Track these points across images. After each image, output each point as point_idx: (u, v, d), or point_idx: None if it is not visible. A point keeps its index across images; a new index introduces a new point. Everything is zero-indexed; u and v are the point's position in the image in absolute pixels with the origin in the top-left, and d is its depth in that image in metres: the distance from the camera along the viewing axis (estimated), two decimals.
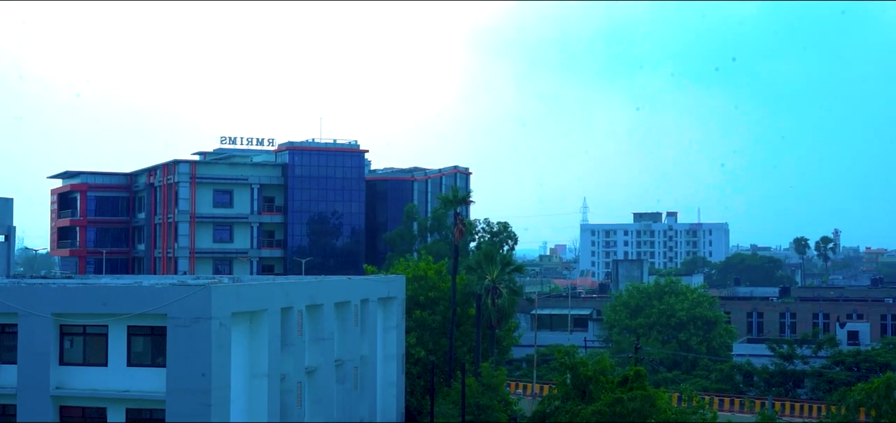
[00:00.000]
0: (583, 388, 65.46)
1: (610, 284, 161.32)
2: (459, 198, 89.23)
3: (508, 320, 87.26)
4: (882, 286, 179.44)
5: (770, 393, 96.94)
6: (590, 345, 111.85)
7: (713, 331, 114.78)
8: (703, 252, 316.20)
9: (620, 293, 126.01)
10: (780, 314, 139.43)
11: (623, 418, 61.53)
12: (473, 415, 64.57)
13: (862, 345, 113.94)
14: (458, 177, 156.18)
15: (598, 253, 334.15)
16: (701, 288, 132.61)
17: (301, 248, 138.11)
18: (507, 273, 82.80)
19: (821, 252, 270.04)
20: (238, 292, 48.65)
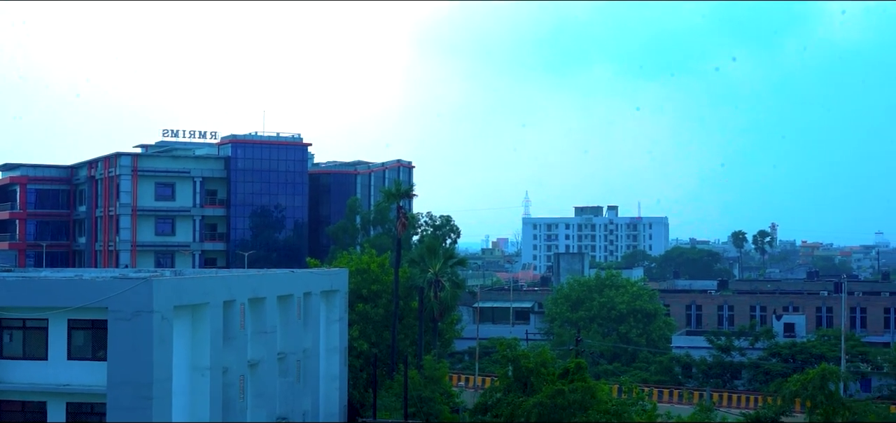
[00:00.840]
0: (524, 380, 66.01)
1: (551, 277, 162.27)
2: (402, 191, 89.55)
3: (451, 313, 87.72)
4: (817, 279, 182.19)
5: (708, 385, 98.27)
6: (531, 338, 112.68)
7: (653, 323, 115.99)
8: (644, 246, 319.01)
9: (562, 286, 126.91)
10: (718, 307, 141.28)
11: (564, 409, 62.18)
12: (416, 407, 64.93)
13: (798, 337, 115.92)
14: (401, 171, 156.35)
15: (539, 247, 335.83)
16: (641, 281, 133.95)
17: (244, 241, 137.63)
18: (449, 267, 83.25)
19: (758, 246, 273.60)
20: (180, 286, 48.58)
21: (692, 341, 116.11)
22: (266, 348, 56.60)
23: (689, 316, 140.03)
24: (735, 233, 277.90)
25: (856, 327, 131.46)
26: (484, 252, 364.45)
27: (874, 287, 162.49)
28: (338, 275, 69.99)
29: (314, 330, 64.41)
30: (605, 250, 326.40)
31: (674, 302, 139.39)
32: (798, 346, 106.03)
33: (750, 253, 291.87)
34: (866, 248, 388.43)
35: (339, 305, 67.77)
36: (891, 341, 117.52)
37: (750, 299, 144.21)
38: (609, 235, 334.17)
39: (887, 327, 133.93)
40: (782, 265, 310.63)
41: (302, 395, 62.06)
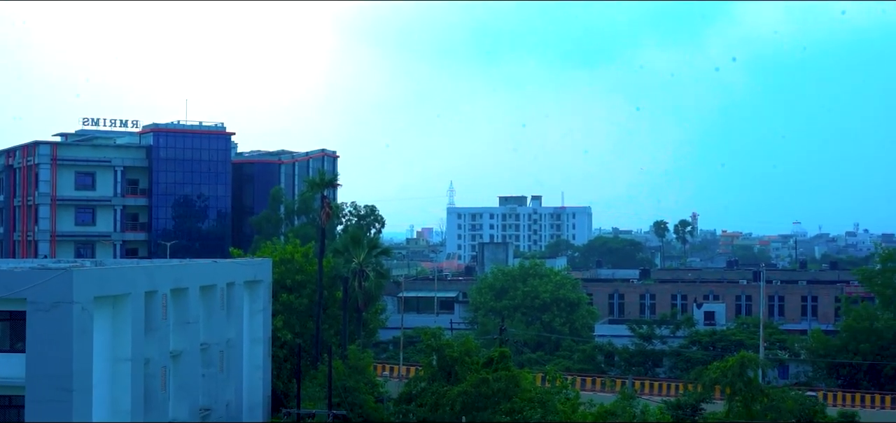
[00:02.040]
0: (448, 369, 66.27)
1: (476, 266, 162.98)
2: (327, 181, 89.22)
3: (375, 303, 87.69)
4: (737, 268, 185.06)
5: (630, 372, 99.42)
6: (456, 327, 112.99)
7: (576, 312, 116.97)
8: (567, 235, 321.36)
9: (486, 276, 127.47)
10: (640, 296, 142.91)
11: (488, 398, 62.56)
12: (340, 398, 64.81)
13: (718, 325, 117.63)
14: (325, 160, 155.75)
15: (464, 236, 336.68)
16: (564, 271, 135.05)
17: (166, 231, 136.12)
18: (374, 256, 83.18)
19: (679, 235, 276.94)
20: (100, 276, 47.98)
21: (615, 329, 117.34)
22: (188, 339, 56.12)
23: (611, 305, 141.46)
24: (657, 223, 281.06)
25: (774, 315, 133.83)
26: (409, 242, 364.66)
27: (792, 276, 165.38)
28: (261, 265, 69.59)
29: (237, 321, 64.00)
30: (530, 239, 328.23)
31: (597, 291, 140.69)
32: (718, 334, 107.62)
33: (671, 242, 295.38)
34: (784, 237, 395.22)
35: (262, 295, 67.39)
36: (808, 329, 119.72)
37: (671, 288, 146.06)
38: (533, 224, 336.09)
39: (804, 315, 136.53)
40: (703, 254, 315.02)
41: (225, 386, 61.65)
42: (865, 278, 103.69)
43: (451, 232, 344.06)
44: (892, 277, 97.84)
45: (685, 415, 70.23)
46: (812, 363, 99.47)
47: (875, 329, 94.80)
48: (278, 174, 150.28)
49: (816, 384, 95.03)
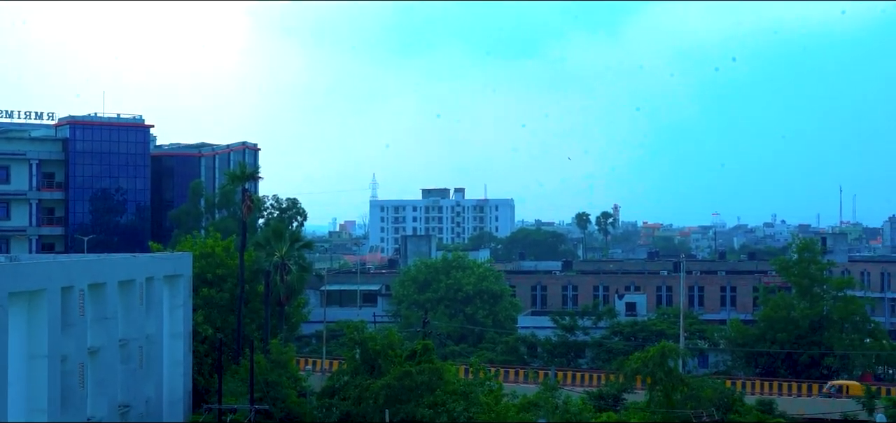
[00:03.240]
0: (372, 363, 66.11)
1: (399, 259, 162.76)
2: (248, 174, 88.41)
3: (297, 297, 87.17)
4: (658, 259, 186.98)
5: (553, 364, 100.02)
6: (379, 320, 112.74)
7: (499, 304, 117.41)
8: (490, 227, 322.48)
9: (409, 269, 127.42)
10: (562, 287, 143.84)
11: (411, 391, 62.53)
12: (262, 392, 64.29)
13: (639, 316, 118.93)
14: (246, 153, 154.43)
15: (387, 229, 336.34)
16: (487, 263, 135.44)
17: (83, 225, 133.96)
18: (296, 250, 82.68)
19: (601, 227, 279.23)
20: (15, 272, 47.09)
21: (537, 321, 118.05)
22: (107, 335, 55.30)
23: (534, 297, 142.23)
24: (579, 214, 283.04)
25: (694, 306, 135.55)
26: (331, 235, 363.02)
27: (711, 267, 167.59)
28: (181, 259, 68.82)
29: (157, 316, 63.21)
30: (453, 232, 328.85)
31: (520, 283, 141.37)
32: (639, 324, 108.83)
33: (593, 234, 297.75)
34: (704, 228, 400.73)
35: (182, 290, 66.64)
36: (727, 319, 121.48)
37: (593, 279, 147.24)
38: (456, 217, 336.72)
39: (723, 305, 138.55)
40: (624, 246, 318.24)
41: (145, 382, 60.86)
42: (783, 268, 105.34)
43: (374, 225, 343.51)
44: (808, 267, 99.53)
45: (607, 405, 70.85)
46: (731, 352, 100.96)
47: (792, 318, 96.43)
48: (198, 167, 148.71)
49: (735, 372, 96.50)
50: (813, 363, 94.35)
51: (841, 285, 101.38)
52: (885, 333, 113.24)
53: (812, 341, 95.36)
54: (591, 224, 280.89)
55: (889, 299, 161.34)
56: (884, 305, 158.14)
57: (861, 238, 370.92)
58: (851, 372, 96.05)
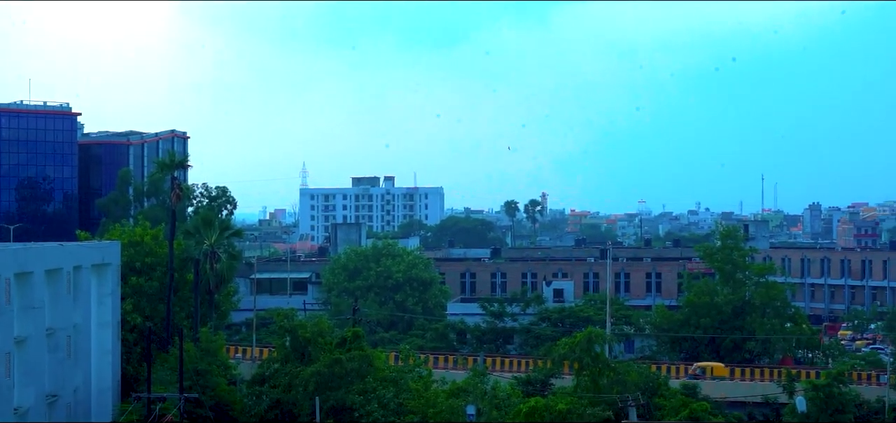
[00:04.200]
0: (302, 350, 66.40)
1: (329, 247, 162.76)
2: (177, 162, 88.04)
3: (227, 285, 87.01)
4: (585, 246, 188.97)
5: (482, 350, 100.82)
6: (309, 308, 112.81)
7: (429, 292, 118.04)
8: (420, 215, 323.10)
9: (339, 257, 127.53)
10: (491, 274, 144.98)
11: (341, 378, 62.94)
12: (192, 381, 64.27)
13: (566, 302, 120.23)
14: (175, 141, 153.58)
15: (317, 217, 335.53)
16: (417, 251, 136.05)
17: (9, 214, 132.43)
18: (225, 238, 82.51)
19: (530, 215, 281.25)
20: None
21: (467, 308, 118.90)
22: (34, 325, 54.98)
23: (463, 284, 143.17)
24: (508, 202, 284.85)
25: (620, 292, 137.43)
26: (261, 223, 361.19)
27: (637, 253, 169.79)
28: (109, 248, 68.49)
29: (85, 305, 62.92)
30: (383, 220, 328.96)
31: (449, 270, 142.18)
32: (567, 311, 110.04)
33: (522, 222, 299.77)
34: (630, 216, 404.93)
35: (111, 278, 66.37)
36: (652, 304, 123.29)
37: (521, 266, 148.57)
38: (386, 205, 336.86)
39: (649, 291, 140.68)
40: (552, 233, 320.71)
41: (73, 371, 60.61)
42: (706, 254, 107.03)
43: (305, 213, 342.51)
44: (731, 253, 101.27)
45: (535, 390, 71.78)
46: (656, 337, 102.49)
47: (715, 304, 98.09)
48: (127, 156, 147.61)
49: (660, 357, 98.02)
50: (735, 348, 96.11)
51: (762, 271, 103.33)
52: (805, 318, 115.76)
53: (734, 326, 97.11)
54: (520, 212, 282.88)
55: (809, 284, 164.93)
56: (804, 290, 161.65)
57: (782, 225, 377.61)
58: (772, 356, 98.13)
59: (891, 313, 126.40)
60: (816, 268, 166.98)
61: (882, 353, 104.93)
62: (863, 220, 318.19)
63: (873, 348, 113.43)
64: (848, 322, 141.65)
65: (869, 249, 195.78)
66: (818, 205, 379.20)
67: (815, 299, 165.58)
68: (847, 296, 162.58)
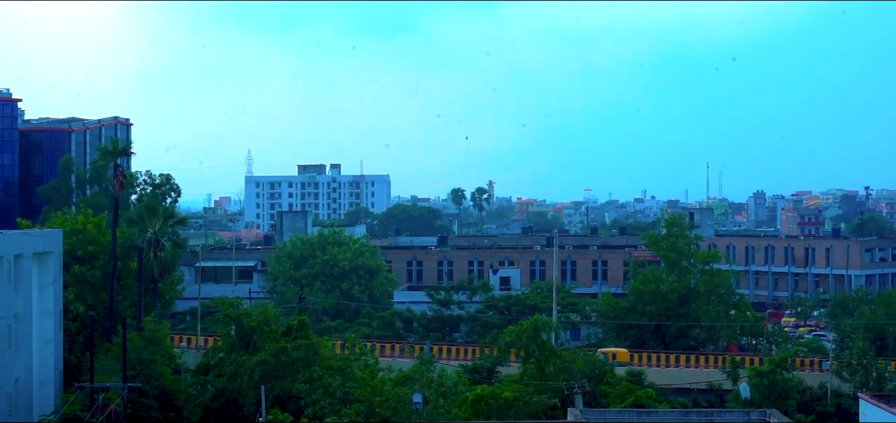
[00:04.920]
0: (247, 339, 66.01)
1: (274, 235, 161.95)
2: (120, 149, 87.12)
3: (171, 274, 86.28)
4: (532, 234, 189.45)
5: (428, 338, 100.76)
6: (254, 296, 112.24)
7: (375, 280, 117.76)
8: (366, 203, 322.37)
9: (285, 245, 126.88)
10: (438, 263, 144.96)
11: (287, 366, 62.66)
12: (136, 370, 63.61)
13: (513, 290, 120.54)
14: (118, 128, 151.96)
15: (263, 205, 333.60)
16: (363, 238, 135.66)
17: None
18: (169, 226, 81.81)
19: (476, 203, 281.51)
20: None
21: (413, 296, 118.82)
22: None
23: (410, 272, 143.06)
24: (454, 190, 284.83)
25: (567, 280, 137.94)
26: (206, 211, 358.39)
27: (583, 241, 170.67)
28: (51, 236, 67.60)
29: (26, 294, 62.05)
30: (329, 207, 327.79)
31: (395, 258, 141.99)
32: (513, 298, 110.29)
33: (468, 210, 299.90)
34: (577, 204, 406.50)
35: (52, 267, 65.49)
36: (598, 292, 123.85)
37: (468, 254, 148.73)
38: (332, 193, 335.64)
39: (595, 279, 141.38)
40: (499, 221, 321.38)
41: (14, 362, 59.77)
42: (652, 242, 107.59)
43: (250, 201, 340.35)
44: (676, 241, 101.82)
45: (481, 378, 71.81)
46: (602, 324, 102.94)
47: (661, 292, 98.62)
48: (69, 142, 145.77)
49: (606, 344, 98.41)
50: (680, 335, 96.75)
51: (707, 258, 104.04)
52: (749, 305, 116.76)
53: (680, 314, 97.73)
54: (467, 200, 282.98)
55: (753, 272, 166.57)
56: (748, 278, 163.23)
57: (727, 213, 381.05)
58: (717, 343, 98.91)
59: (833, 301, 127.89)
60: (760, 256, 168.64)
61: (824, 340, 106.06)
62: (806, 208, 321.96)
63: (816, 335, 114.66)
64: (791, 309, 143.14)
65: (812, 237, 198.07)
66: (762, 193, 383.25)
67: (759, 287, 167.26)
68: (790, 283, 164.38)
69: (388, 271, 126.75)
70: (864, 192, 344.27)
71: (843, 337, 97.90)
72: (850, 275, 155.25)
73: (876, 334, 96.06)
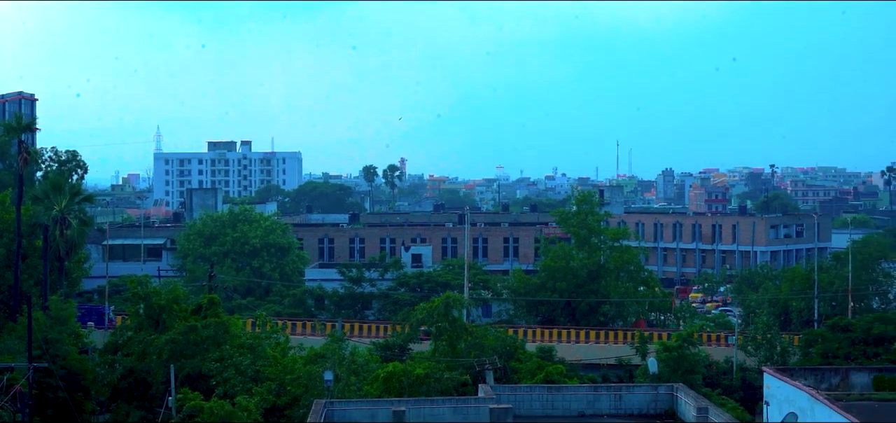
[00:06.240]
0: (156, 318, 65.28)
1: (184, 213, 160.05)
2: (24, 125, 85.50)
3: (78, 252, 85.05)
4: (443, 212, 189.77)
5: (340, 315, 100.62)
6: (164, 275, 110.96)
7: (286, 257, 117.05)
8: (278, 181, 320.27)
9: (194, 222, 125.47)
10: (349, 240, 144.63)
11: (197, 345, 62.14)
12: (41, 350, 62.57)
13: (425, 267, 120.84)
14: (22, 103, 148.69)
15: (172, 182, 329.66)
16: (274, 216, 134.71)
17: None
18: (76, 203, 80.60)
19: (388, 180, 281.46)
20: None
21: (325, 273, 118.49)
22: None
23: (321, 249, 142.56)
24: (366, 167, 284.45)
25: (478, 257, 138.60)
26: (114, 188, 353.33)
27: (495, 218, 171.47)
28: None
29: None
30: (239, 185, 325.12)
31: (307, 236, 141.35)
32: (425, 276, 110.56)
33: (380, 187, 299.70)
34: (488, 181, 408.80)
35: None
36: (510, 269, 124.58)
37: (380, 231, 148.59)
38: (243, 170, 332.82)
39: (506, 256, 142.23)
40: (411, 199, 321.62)
41: None
42: (562, 219, 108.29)
43: (159, 178, 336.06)
44: (586, 218, 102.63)
45: (393, 355, 71.90)
46: (513, 301, 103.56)
47: (571, 268, 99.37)
48: None
49: (517, 321, 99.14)
50: (590, 311, 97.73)
51: (616, 235, 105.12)
52: (658, 281, 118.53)
53: (589, 290, 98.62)
54: (379, 177, 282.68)
55: (661, 248, 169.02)
56: (657, 254, 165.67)
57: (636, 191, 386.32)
58: (626, 319, 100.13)
59: (739, 277, 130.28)
60: (669, 232, 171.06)
61: (731, 315, 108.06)
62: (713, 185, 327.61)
63: (722, 310, 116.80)
64: (699, 285, 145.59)
65: (719, 213, 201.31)
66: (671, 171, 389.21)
67: (668, 263, 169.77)
68: (698, 260, 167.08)
69: (300, 248, 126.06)
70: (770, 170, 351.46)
71: (748, 312, 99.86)
72: (755, 251, 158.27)
73: (780, 308, 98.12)
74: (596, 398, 48.17)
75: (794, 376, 47.92)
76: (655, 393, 48.57)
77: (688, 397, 46.15)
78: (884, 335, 75.52)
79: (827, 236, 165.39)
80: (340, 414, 44.76)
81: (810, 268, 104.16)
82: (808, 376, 49.21)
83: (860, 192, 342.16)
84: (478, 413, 44.02)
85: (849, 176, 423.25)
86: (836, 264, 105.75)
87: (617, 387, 52.83)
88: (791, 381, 46.03)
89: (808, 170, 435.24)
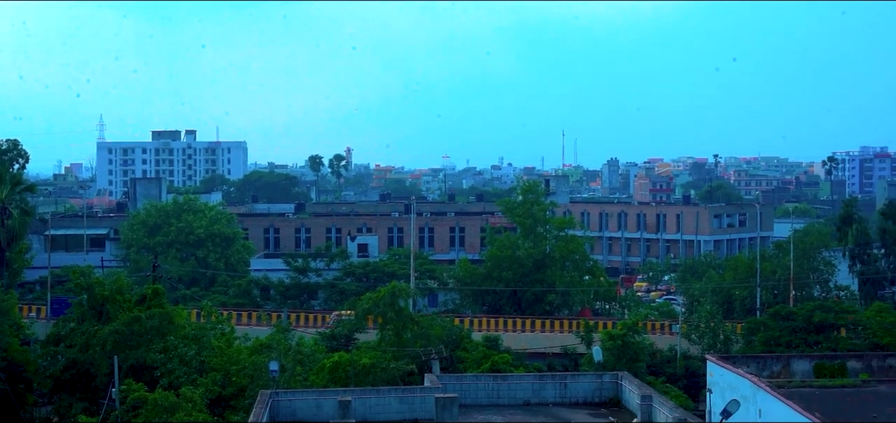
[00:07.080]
0: (99, 309, 64.63)
1: (128, 203, 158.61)
2: None
3: (20, 242, 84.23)
4: (390, 201, 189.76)
5: (286, 305, 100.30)
6: (107, 265, 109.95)
7: (231, 247, 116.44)
8: (223, 170, 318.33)
9: (138, 212, 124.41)
10: (295, 230, 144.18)
11: (141, 336, 61.58)
12: None
13: (371, 257, 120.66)
14: None
15: (115, 172, 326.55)
16: (219, 206, 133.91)
17: None
18: (17, 193, 79.80)
19: (334, 169, 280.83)
20: None
21: (270, 263, 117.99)
22: None
23: (267, 239, 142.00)
24: (312, 157, 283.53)
25: (424, 246, 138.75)
26: (56, 178, 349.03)
27: (441, 208, 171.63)
28: None
29: None
30: (184, 174, 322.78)
31: (252, 226, 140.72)
32: (371, 265, 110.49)
33: (326, 176, 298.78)
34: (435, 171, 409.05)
35: None
36: (456, 258, 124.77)
37: (326, 221, 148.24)
38: (187, 159, 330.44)
39: (453, 245, 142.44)
40: (357, 188, 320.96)
41: None
42: (508, 209, 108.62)
43: (102, 168, 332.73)
44: (532, 208, 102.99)
45: (339, 345, 71.77)
46: (459, 291, 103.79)
47: (517, 258, 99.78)
48: None
49: (463, 310, 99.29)
50: (536, 300, 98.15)
51: (562, 225, 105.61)
52: (603, 270, 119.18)
53: (535, 280, 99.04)
54: (324, 167, 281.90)
55: (607, 237, 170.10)
56: (602, 243, 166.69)
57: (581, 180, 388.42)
58: (571, 308, 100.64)
59: (683, 266, 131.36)
60: (614, 222, 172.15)
61: (675, 303, 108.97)
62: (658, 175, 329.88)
63: (667, 299, 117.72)
64: (643, 274, 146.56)
65: (663, 203, 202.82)
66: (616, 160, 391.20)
67: (613, 252, 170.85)
68: (643, 249, 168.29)
69: (245, 238, 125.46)
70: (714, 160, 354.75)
71: (692, 301, 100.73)
72: (699, 240, 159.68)
73: (723, 297, 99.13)
74: (541, 386, 48.34)
75: (737, 363, 48.43)
76: (600, 382, 48.85)
77: (632, 385, 46.48)
78: (824, 323, 76.56)
79: (769, 226, 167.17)
80: (286, 405, 44.58)
81: (753, 257, 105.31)
82: (750, 363, 49.74)
83: (802, 182, 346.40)
84: (424, 403, 44.04)
85: (791, 166, 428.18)
86: (778, 253, 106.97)
87: (562, 376, 53.07)
88: (734, 369, 46.52)
89: (751, 159, 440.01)
